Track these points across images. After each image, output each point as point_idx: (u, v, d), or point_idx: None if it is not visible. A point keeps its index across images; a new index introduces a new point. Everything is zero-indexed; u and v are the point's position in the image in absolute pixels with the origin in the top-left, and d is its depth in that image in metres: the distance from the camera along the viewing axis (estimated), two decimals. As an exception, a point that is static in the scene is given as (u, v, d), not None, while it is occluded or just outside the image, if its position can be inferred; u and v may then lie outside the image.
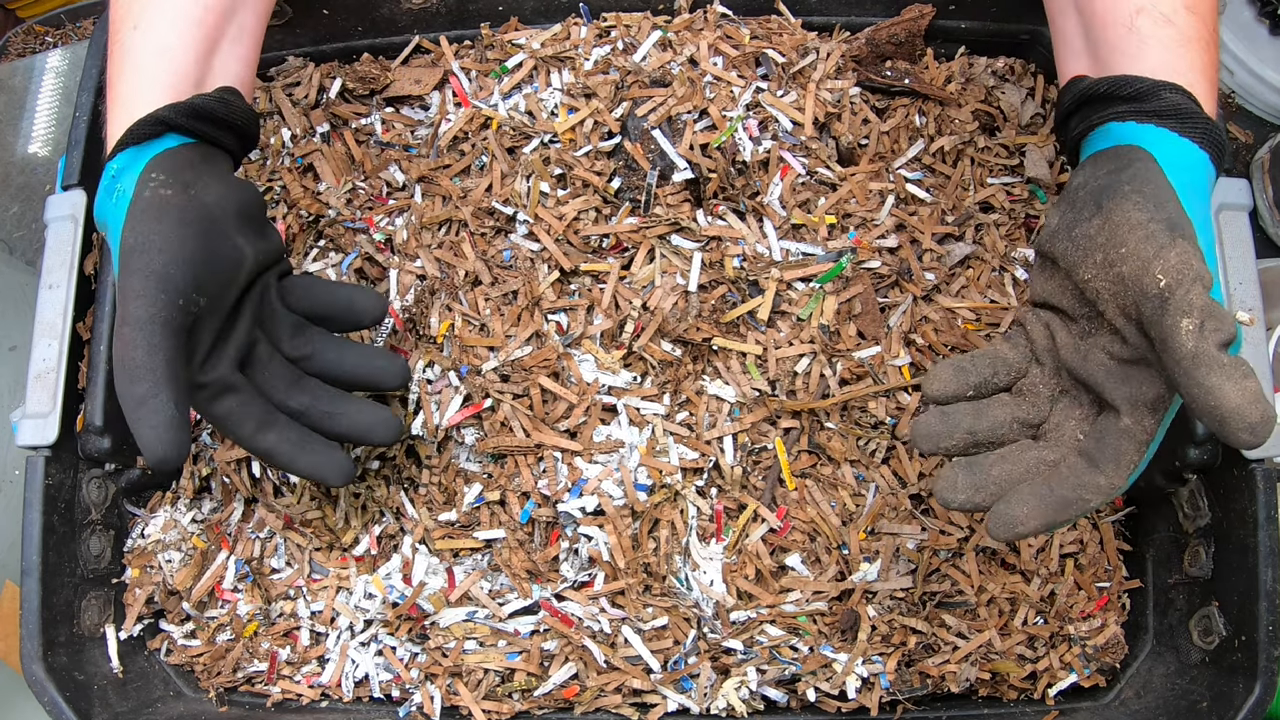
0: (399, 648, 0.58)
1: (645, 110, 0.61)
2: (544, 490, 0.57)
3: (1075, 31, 0.48)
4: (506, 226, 0.62)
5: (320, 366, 0.51)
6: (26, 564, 0.54)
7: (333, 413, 0.50)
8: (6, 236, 0.88)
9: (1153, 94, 0.42)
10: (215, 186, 0.45)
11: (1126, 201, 0.39)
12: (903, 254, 0.61)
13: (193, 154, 0.46)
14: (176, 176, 0.44)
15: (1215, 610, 0.55)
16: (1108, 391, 0.40)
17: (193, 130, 0.46)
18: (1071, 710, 0.59)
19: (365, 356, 0.52)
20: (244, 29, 0.49)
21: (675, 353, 0.59)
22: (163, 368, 0.41)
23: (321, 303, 0.51)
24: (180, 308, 0.42)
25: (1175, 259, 0.37)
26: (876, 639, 0.57)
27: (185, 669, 0.61)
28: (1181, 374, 0.35)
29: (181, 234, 0.43)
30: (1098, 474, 0.39)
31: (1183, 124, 0.41)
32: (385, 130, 0.65)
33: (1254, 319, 0.54)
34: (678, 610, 0.56)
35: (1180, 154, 0.41)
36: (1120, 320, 0.39)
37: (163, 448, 0.41)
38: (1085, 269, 0.40)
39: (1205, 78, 0.43)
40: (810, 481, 0.58)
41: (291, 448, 0.48)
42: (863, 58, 0.64)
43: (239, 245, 0.46)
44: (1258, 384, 0.34)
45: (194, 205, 0.44)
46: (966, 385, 0.44)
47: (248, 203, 0.47)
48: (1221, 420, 0.34)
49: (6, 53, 1.03)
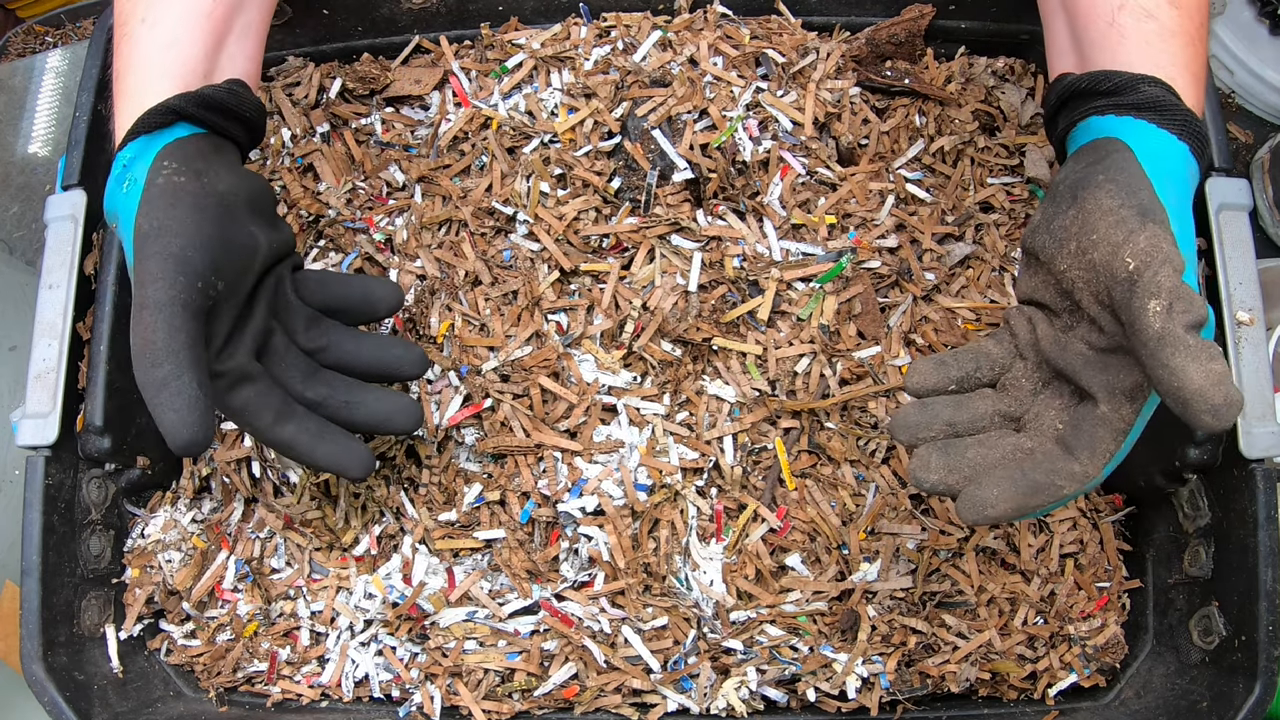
0: (399, 648, 0.58)
1: (645, 110, 0.61)
2: (544, 490, 0.57)
3: (1062, 31, 0.48)
4: (506, 226, 0.62)
5: (336, 358, 0.50)
6: (26, 564, 0.54)
7: (351, 402, 0.49)
8: (6, 236, 0.88)
9: (1131, 87, 0.42)
10: (227, 176, 0.45)
11: (1099, 190, 0.39)
12: (903, 254, 0.61)
13: (203, 144, 0.46)
14: (189, 165, 0.44)
15: (1215, 610, 0.55)
16: (1085, 380, 0.40)
17: (203, 120, 0.46)
18: (1071, 710, 0.59)
19: (382, 346, 0.51)
20: (249, 25, 0.50)
21: (675, 353, 0.59)
22: (184, 350, 0.40)
23: (336, 295, 0.51)
24: (199, 290, 0.42)
25: (1144, 242, 0.37)
26: (876, 639, 0.57)
27: (185, 669, 0.61)
28: (1148, 355, 0.35)
29: (198, 219, 0.43)
30: (1073, 461, 0.39)
31: (1161, 116, 0.41)
32: (385, 130, 0.65)
33: (1254, 319, 0.54)
34: (678, 610, 0.56)
35: (1157, 144, 0.40)
36: (1095, 308, 0.39)
37: (188, 431, 0.40)
38: (1061, 259, 0.40)
39: (1188, 71, 0.43)
40: (810, 481, 0.58)
41: (310, 438, 0.47)
42: (863, 58, 0.64)
43: (253, 233, 0.46)
44: (1224, 367, 0.34)
45: (208, 192, 0.44)
46: (948, 379, 0.44)
47: (259, 193, 0.47)
48: (1185, 402, 0.34)
49: (6, 53, 1.03)
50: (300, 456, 0.47)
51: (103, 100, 0.59)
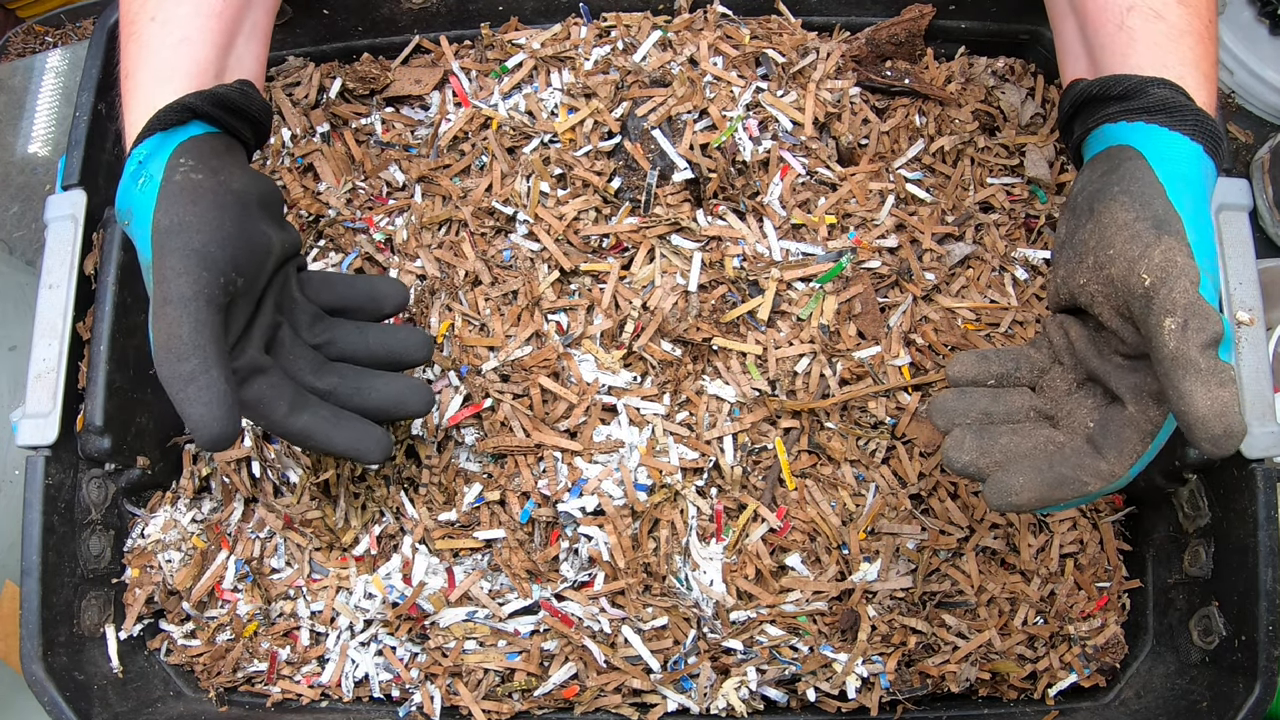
0: (399, 648, 0.58)
1: (645, 110, 0.61)
2: (544, 490, 0.57)
3: (1074, 35, 0.48)
4: (506, 226, 0.62)
5: (342, 350, 0.50)
6: (26, 564, 0.54)
7: (362, 388, 0.49)
8: (6, 236, 0.88)
9: (1141, 91, 0.42)
10: (241, 175, 0.46)
11: (1114, 203, 0.40)
12: (903, 254, 0.61)
13: (217, 143, 0.46)
14: (205, 162, 0.44)
15: (1215, 610, 0.55)
16: (1114, 382, 0.41)
17: (217, 119, 0.46)
18: (1071, 710, 0.59)
19: (386, 332, 0.51)
20: (256, 26, 0.50)
21: (675, 353, 0.59)
22: (209, 345, 0.41)
23: (340, 295, 0.51)
24: (221, 286, 0.42)
25: (1160, 257, 0.37)
26: (876, 639, 0.57)
27: (185, 669, 0.61)
28: (1163, 374, 0.36)
29: (218, 216, 0.43)
30: (1099, 459, 0.40)
31: (1172, 118, 0.41)
32: (385, 130, 0.65)
33: (1254, 319, 0.54)
34: (678, 610, 0.56)
35: (1170, 148, 0.41)
36: (1116, 322, 0.40)
37: (217, 425, 0.40)
38: (1080, 274, 0.41)
39: (1199, 70, 0.43)
40: (810, 481, 0.58)
41: (328, 426, 0.47)
42: (863, 58, 0.64)
43: (266, 232, 0.46)
44: (1231, 395, 0.35)
45: (226, 190, 0.44)
46: (988, 374, 0.45)
47: (270, 193, 0.47)
48: (1189, 427, 0.35)
49: (6, 53, 1.03)
50: (318, 444, 0.47)
51: (103, 100, 0.59)
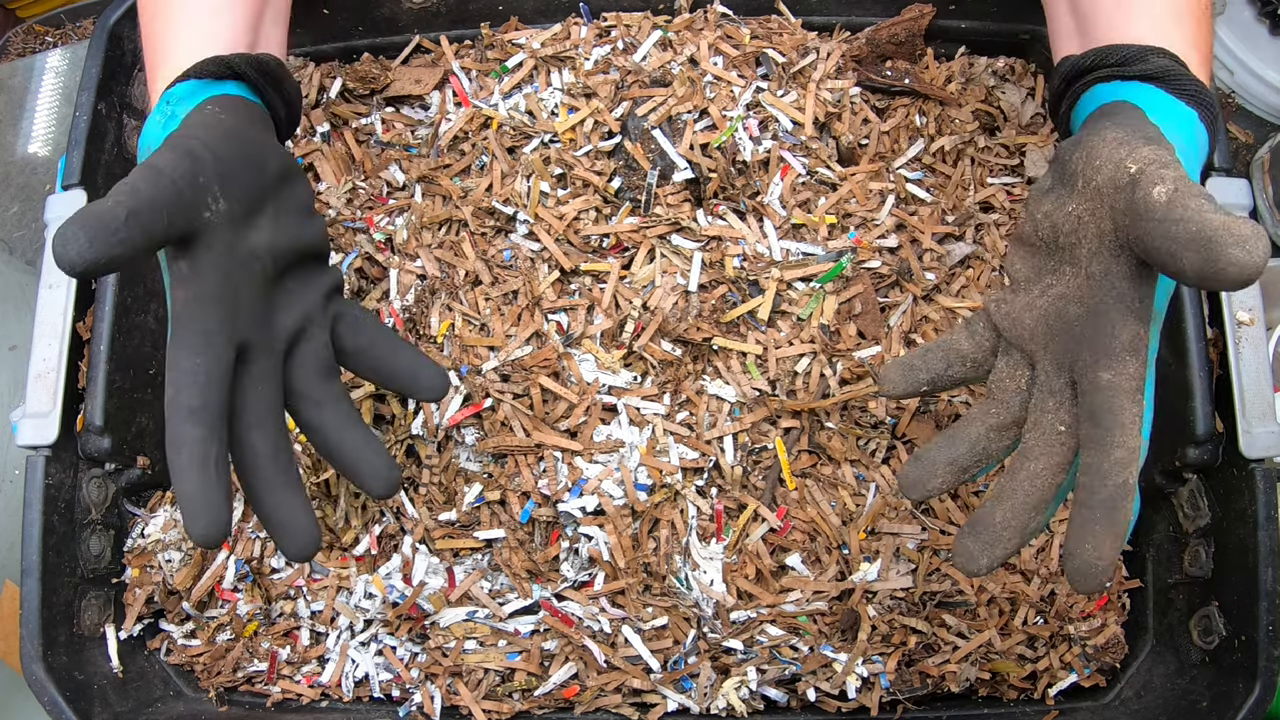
0: (399, 648, 0.58)
1: (645, 110, 0.61)
2: (544, 490, 0.57)
3: (1066, 14, 0.47)
4: (507, 226, 0.62)
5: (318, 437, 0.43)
6: (26, 564, 0.54)
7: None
8: (6, 236, 0.88)
9: (1139, 58, 0.40)
10: (274, 145, 0.43)
11: (1103, 129, 0.37)
12: (903, 254, 0.61)
13: (254, 110, 0.43)
14: (237, 115, 0.42)
15: (1215, 610, 0.55)
16: (1075, 350, 0.36)
17: (255, 83, 0.43)
18: (1071, 710, 0.59)
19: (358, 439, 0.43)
20: (280, 12, 0.49)
21: (675, 352, 0.59)
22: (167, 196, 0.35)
23: (380, 357, 0.46)
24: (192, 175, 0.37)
25: (1149, 152, 0.34)
26: (876, 639, 0.57)
27: (185, 669, 0.61)
28: (1155, 227, 0.32)
29: (223, 137, 0.39)
30: (1108, 453, 0.34)
31: (1169, 85, 0.39)
32: (385, 130, 0.65)
33: (1254, 319, 0.54)
34: (678, 610, 0.56)
35: (1167, 108, 0.38)
36: (1094, 244, 0.36)
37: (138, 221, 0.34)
38: (1069, 202, 0.37)
39: (1198, 51, 0.41)
40: (810, 481, 0.58)
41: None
42: (863, 58, 0.64)
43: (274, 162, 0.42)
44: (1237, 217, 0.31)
45: (244, 132, 0.41)
46: (919, 383, 0.41)
47: (295, 172, 0.44)
48: (1208, 241, 0.30)
49: (6, 53, 1.03)
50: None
51: (103, 100, 0.59)
